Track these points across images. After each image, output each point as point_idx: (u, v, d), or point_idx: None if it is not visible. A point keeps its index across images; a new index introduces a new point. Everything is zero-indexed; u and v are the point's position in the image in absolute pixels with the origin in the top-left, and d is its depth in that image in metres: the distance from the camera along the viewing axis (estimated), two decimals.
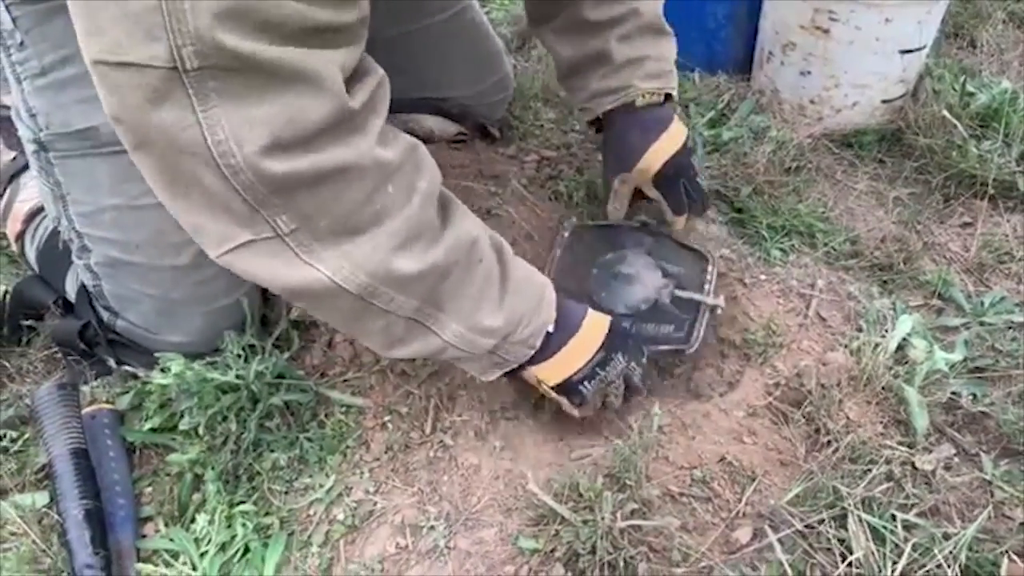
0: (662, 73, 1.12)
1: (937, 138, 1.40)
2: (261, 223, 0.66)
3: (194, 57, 0.56)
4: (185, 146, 0.60)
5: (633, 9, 1.08)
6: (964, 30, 1.82)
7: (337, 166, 0.66)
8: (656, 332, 1.07)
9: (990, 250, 1.26)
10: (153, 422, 0.97)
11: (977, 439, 0.98)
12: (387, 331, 0.79)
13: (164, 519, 0.92)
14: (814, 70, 1.47)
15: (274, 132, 0.61)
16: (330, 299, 0.73)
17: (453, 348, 0.83)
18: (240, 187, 0.63)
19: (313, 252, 0.69)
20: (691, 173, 1.15)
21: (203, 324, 1.01)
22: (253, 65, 0.58)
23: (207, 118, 0.59)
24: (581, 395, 0.92)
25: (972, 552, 0.82)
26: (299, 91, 0.62)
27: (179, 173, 0.63)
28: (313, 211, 0.67)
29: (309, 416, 1.01)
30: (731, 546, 0.88)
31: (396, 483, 0.96)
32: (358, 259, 0.71)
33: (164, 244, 0.94)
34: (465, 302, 0.81)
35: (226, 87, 0.58)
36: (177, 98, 0.58)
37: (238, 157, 0.61)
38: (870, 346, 1.05)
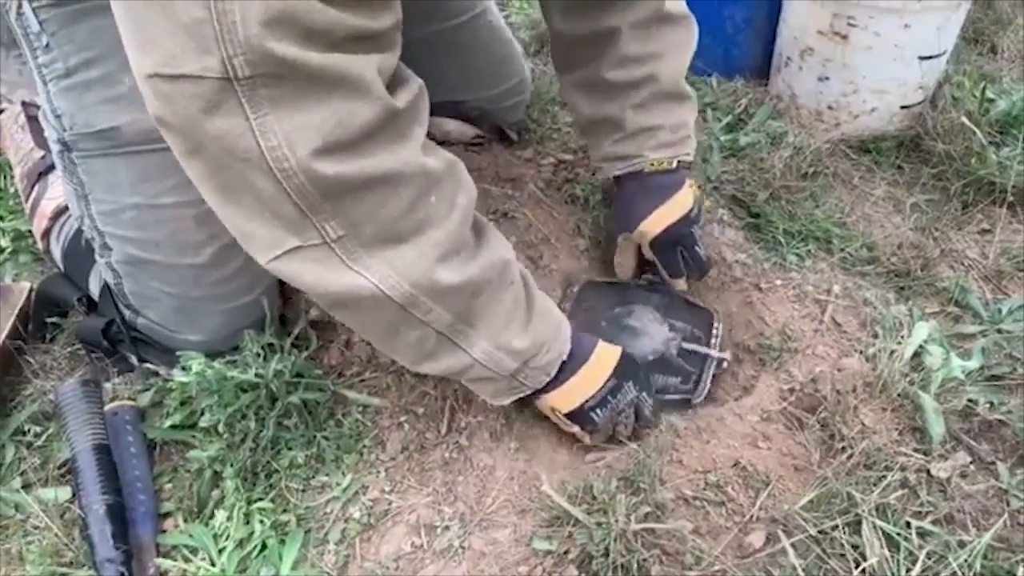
0: (675, 142, 1.14)
1: (956, 145, 1.39)
2: (310, 229, 0.68)
3: (245, 66, 0.58)
4: (239, 152, 0.62)
5: (652, 74, 1.08)
6: (985, 36, 1.81)
7: (384, 171, 0.68)
8: (664, 383, 1.08)
9: (1008, 257, 1.25)
10: (174, 419, 0.99)
11: (993, 447, 0.98)
12: (420, 344, 0.81)
13: (183, 515, 0.94)
14: (832, 75, 1.47)
15: (324, 136, 0.63)
16: (372, 308, 0.75)
17: (480, 366, 0.85)
18: (292, 191, 0.64)
19: (359, 259, 0.71)
20: (690, 242, 1.15)
21: (222, 323, 1.02)
22: (301, 71, 0.60)
23: (260, 125, 0.61)
24: (593, 422, 0.94)
25: (987, 561, 0.82)
26: (345, 95, 0.63)
27: (231, 179, 0.65)
28: (360, 217, 0.69)
29: (326, 415, 1.02)
30: (744, 550, 0.88)
31: (412, 483, 0.97)
32: (402, 267, 0.73)
33: (183, 243, 0.96)
34: (496, 320, 0.83)
35: (277, 94, 0.60)
36: (230, 106, 0.60)
37: (291, 161, 0.62)
38: (886, 352, 1.04)
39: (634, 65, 1.07)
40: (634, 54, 1.06)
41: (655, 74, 1.08)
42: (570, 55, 1.13)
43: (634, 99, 1.10)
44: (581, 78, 1.13)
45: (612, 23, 1.04)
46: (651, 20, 1.05)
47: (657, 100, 1.10)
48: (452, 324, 0.80)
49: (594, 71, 1.09)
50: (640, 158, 1.13)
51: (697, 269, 1.18)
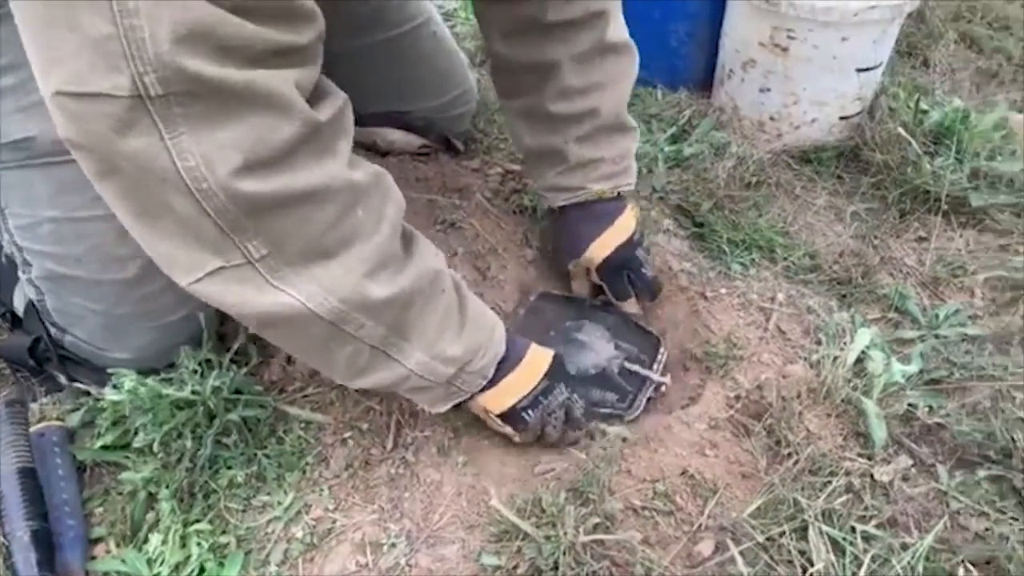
0: (616, 173, 1.14)
1: (893, 154, 1.43)
2: (232, 249, 0.65)
3: (158, 84, 0.55)
4: (154, 173, 0.59)
5: (594, 108, 1.08)
6: (917, 50, 1.87)
7: (308, 188, 0.66)
8: (601, 397, 1.09)
9: (944, 264, 1.29)
10: (105, 440, 0.94)
11: (933, 450, 1.00)
12: (353, 360, 0.79)
13: (115, 539, 0.90)
14: (773, 87, 1.49)
15: (245, 153, 0.60)
16: (300, 326, 0.72)
17: (416, 376, 0.83)
18: (212, 211, 0.62)
19: (284, 278, 0.69)
20: (635, 264, 1.16)
21: (153, 340, 0.98)
22: (217, 89, 0.58)
23: (175, 144, 0.58)
24: (525, 422, 0.94)
25: (929, 562, 0.83)
26: (265, 112, 0.61)
27: (148, 201, 0.62)
28: (284, 235, 0.67)
29: (267, 432, 0.99)
30: (693, 560, 0.87)
31: (356, 500, 0.94)
32: (330, 284, 0.71)
33: (106, 258, 0.91)
34: (429, 330, 0.82)
35: (192, 112, 0.58)
36: (144, 126, 0.57)
37: (210, 181, 0.60)
38: (829, 359, 1.06)
39: (576, 97, 1.07)
40: (576, 87, 1.06)
41: (597, 108, 1.08)
42: (511, 82, 1.12)
43: (577, 132, 1.10)
44: (523, 107, 1.12)
45: (554, 56, 1.03)
46: (593, 52, 1.05)
47: (600, 133, 1.11)
48: (385, 337, 0.78)
49: (536, 101, 1.09)
50: (583, 190, 1.14)
51: (646, 290, 1.18)
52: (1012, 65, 1.81)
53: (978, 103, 1.65)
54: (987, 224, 1.36)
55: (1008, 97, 1.69)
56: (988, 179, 1.39)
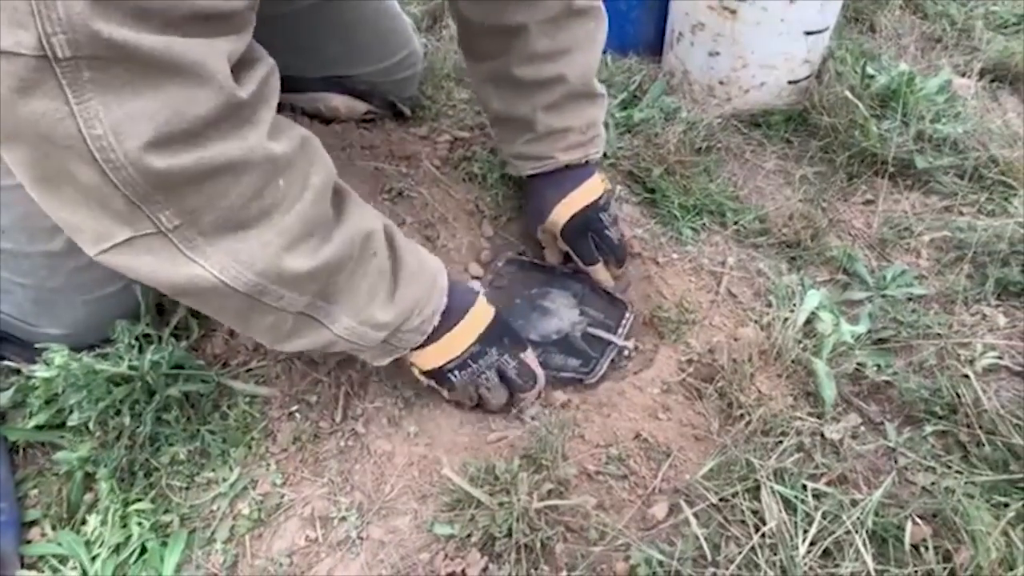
0: (584, 143, 1.13)
1: (840, 118, 1.44)
2: (142, 219, 0.62)
3: (66, 46, 0.51)
4: (58, 139, 0.55)
5: (561, 75, 1.06)
6: (864, 15, 1.88)
7: (225, 161, 0.62)
8: (563, 363, 1.09)
9: (890, 226, 1.30)
10: (38, 419, 0.90)
11: (881, 408, 1.01)
12: (277, 327, 0.77)
13: (51, 522, 0.87)
14: (723, 51, 1.49)
15: (157, 126, 0.57)
16: (217, 298, 0.70)
17: (344, 341, 0.81)
18: (120, 183, 0.58)
19: (197, 248, 0.65)
20: (599, 226, 1.15)
21: (87, 314, 0.94)
22: (131, 55, 0.53)
23: (83, 111, 0.54)
24: (451, 382, 0.93)
25: (878, 517, 0.84)
26: (183, 83, 0.57)
27: (51, 168, 0.58)
28: (198, 207, 0.63)
29: (210, 407, 0.96)
30: (648, 522, 0.87)
31: (305, 474, 0.92)
32: (246, 257, 0.67)
33: (33, 228, 0.87)
34: (358, 297, 0.80)
35: (103, 78, 0.54)
36: (48, 88, 0.53)
37: (118, 152, 0.56)
38: (779, 321, 1.06)
39: (544, 63, 1.05)
40: (543, 51, 1.03)
41: (565, 74, 1.06)
42: (478, 45, 1.09)
43: (545, 100, 1.08)
44: (490, 71, 1.09)
45: (520, 19, 1.00)
46: (560, 16, 1.02)
47: (568, 100, 1.09)
48: (310, 303, 0.76)
49: (503, 65, 1.06)
50: (551, 159, 1.12)
51: (611, 253, 1.17)
52: (955, 30, 1.84)
53: (923, 67, 1.67)
54: (932, 186, 1.38)
55: (952, 61, 1.71)
56: (933, 142, 1.41)
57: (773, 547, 0.82)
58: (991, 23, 1.89)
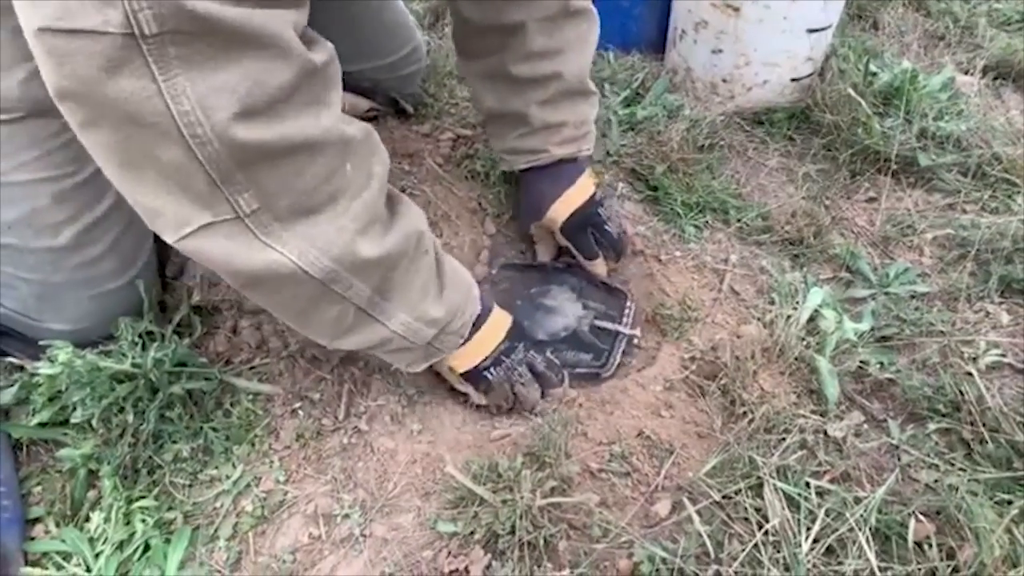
0: (577, 138, 1.14)
1: (843, 116, 1.43)
2: (222, 202, 0.63)
3: (152, 21, 0.51)
4: (145, 118, 0.56)
5: (557, 72, 1.07)
6: (867, 12, 1.87)
7: (303, 139, 0.64)
8: (576, 359, 1.09)
9: (893, 224, 1.30)
10: (41, 416, 0.90)
11: (884, 406, 1.01)
12: (339, 321, 0.78)
13: (55, 519, 0.87)
14: (725, 48, 1.48)
15: (241, 98, 0.58)
16: (291, 285, 0.71)
17: (398, 338, 0.83)
18: (205, 160, 0.59)
19: (274, 234, 0.66)
20: (598, 221, 1.16)
21: (91, 309, 0.94)
22: (214, 28, 0.54)
23: (170, 88, 0.55)
24: (487, 381, 0.94)
25: (881, 515, 0.84)
26: (262, 54, 0.58)
27: (134, 150, 0.59)
28: (275, 188, 0.64)
29: (213, 405, 0.96)
30: (650, 520, 0.87)
31: (308, 471, 0.92)
32: (323, 242, 0.69)
33: (40, 224, 0.87)
34: (412, 292, 0.82)
35: (187, 53, 0.54)
36: (136, 67, 0.53)
37: (205, 127, 0.57)
38: (782, 318, 1.06)
39: (540, 61, 1.05)
40: (540, 49, 1.04)
41: (560, 72, 1.07)
42: (474, 43, 1.10)
43: (540, 96, 1.09)
44: (485, 68, 1.10)
45: (518, 17, 1.01)
46: (558, 15, 1.03)
47: (562, 97, 1.10)
48: (371, 298, 0.77)
49: (499, 63, 1.07)
50: (545, 153, 1.13)
51: (611, 247, 1.18)
52: (958, 27, 1.83)
53: (926, 65, 1.66)
54: (935, 184, 1.37)
55: (955, 59, 1.71)
56: (936, 139, 1.41)
57: (776, 544, 0.82)
58: (994, 20, 1.89)
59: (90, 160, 0.88)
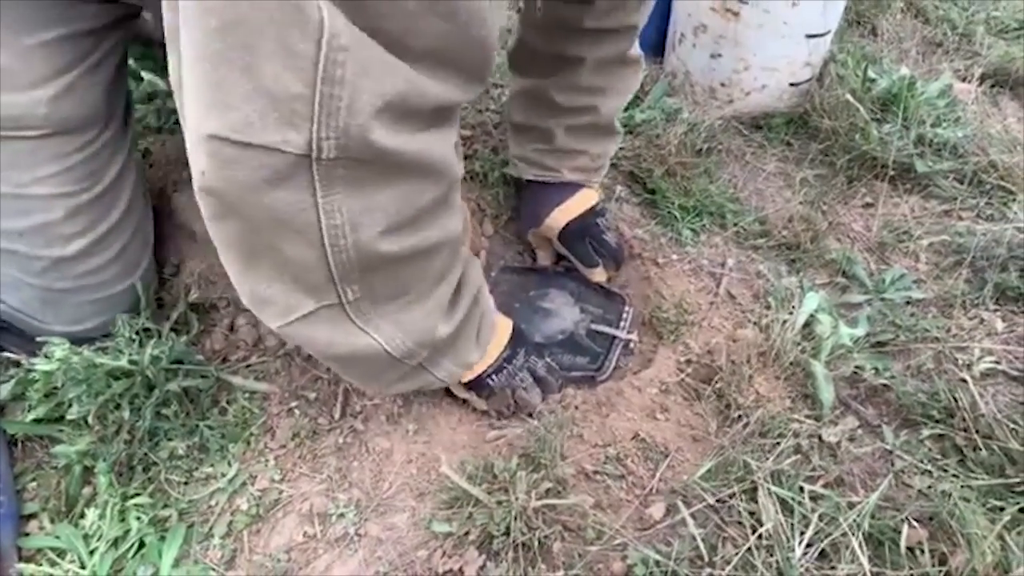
0: (591, 168, 1.16)
1: (841, 121, 1.44)
2: (331, 294, 0.64)
3: (334, 149, 0.52)
4: (292, 225, 0.56)
5: (594, 107, 1.09)
6: (865, 18, 1.88)
7: (431, 243, 0.66)
8: (572, 362, 1.09)
9: (890, 229, 1.30)
10: (37, 412, 0.90)
11: (879, 411, 1.01)
12: (399, 379, 0.82)
13: (50, 515, 0.87)
14: (725, 53, 1.49)
15: (389, 216, 0.59)
16: (371, 364, 0.74)
17: (439, 381, 0.87)
18: (334, 263, 0.60)
19: (369, 320, 0.69)
20: (596, 232, 1.16)
21: (93, 311, 0.95)
22: (390, 158, 0.55)
23: (327, 204, 0.55)
24: (489, 388, 0.95)
25: (875, 520, 0.84)
26: (422, 177, 0.60)
27: (258, 244, 0.60)
28: (384, 282, 0.66)
29: (210, 403, 0.96)
30: (645, 522, 0.88)
31: (303, 470, 0.92)
32: (410, 327, 0.72)
33: (52, 235, 0.88)
34: (460, 347, 0.85)
35: (355, 176, 0.55)
36: (300, 182, 0.53)
37: (348, 240, 0.58)
38: (778, 323, 1.06)
39: (583, 94, 1.07)
40: (587, 85, 1.06)
41: (598, 107, 1.09)
42: (529, 64, 1.11)
43: (570, 121, 1.10)
44: (531, 87, 1.11)
45: (580, 52, 1.03)
46: (614, 60, 1.05)
47: (590, 129, 1.12)
48: (428, 358, 0.81)
49: (545, 87, 1.08)
50: (556, 173, 1.15)
51: (610, 257, 1.18)
52: (956, 34, 1.84)
53: (924, 71, 1.67)
54: (931, 190, 1.38)
55: (952, 66, 1.71)
56: (933, 146, 1.41)
57: (770, 548, 0.82)
58: (992, 28, 1.89)
59: (103, 176, 0.91)
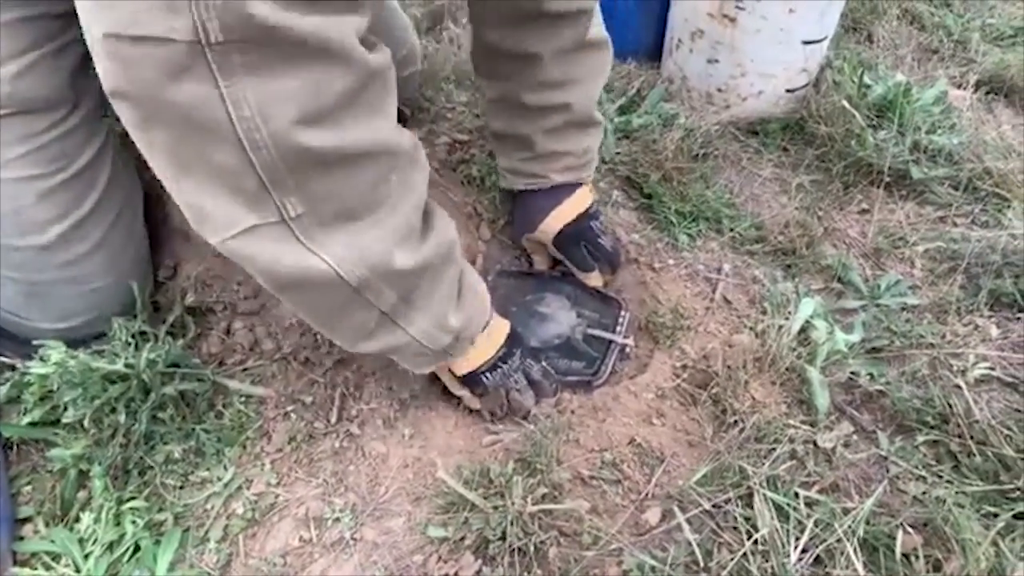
0: (579, 166, 1.15)
1: (837, 127, 1.44)
2: (269, 206, 0.63)
3: (219, 31, 0.51)
4: (203, 123, 0.56)
5: (566, 103, 1.07)
6: (862, 25, 1.89)
7: (358, 146, 0.64)
8: (568, 367, 1.09)
9: (885, 235, 1.31)
10: (33, 415, 0.90)
11: (874, 417, 1.02)
12: (362, 326, 0.79)
13: (45, 519, 0.86)
14: (721, 58, 1.49)
15: (301, 105, 0.58)
16: (324, 289, 0.71)
17: (416, 344, 0.83)
18: (259, 164, 0.59)
19: (316, 239, 0.67)
20: (591, 235, 1.16)
21: (79, 307, 0.94)
22: (280, 37, 0.54)
23: (231, 94, 0.55)
24: (483, 385, 0.94)
25: (870, 526, 0.85)
26: (324, 61, 0.58)
27: (187, 152, 0.59)
28: (323, 194, 0.65)
29: (206, 406, 0.96)
30: (640, 528, 0.88)
31: (300, 475, 0.92)
32: (360, 250, 0.70)
33: (25, 222, 0.87)
34: (436, 301, 0.82)
35: (251, 61, 0.54)
36: (199, 73, 0.53)
37: (263, 132, 0.57)
38: (774, 328, 1.07)
39: (552, 91, 1.06)
40: (553, 80, 1.05)
41: (570, 103, 1.08)
42: (491, 66, 1.10)
43: (547, 124, 1.10)
44: (499, 91, 1.11)
45: (535, 48, 1.02)
46: (573, 48, 1.04)
47: (569, 127, 1.11)
48: (395, 306, 0.78)
49: (512, 89, 1.08)
50: (545, 179, 1.14)
51: (606, 261, 1.18)
52: (952, 41, 1.85)
53: (919, 78, 1.68)
54: (927, 196, 1.39)
55: (948, 72, 1.72)
56: (928, 152, 1.42)
57: (765, 554, 0.82)
58: (987, 35, 1.90)
59: (77, 158, 0.89)
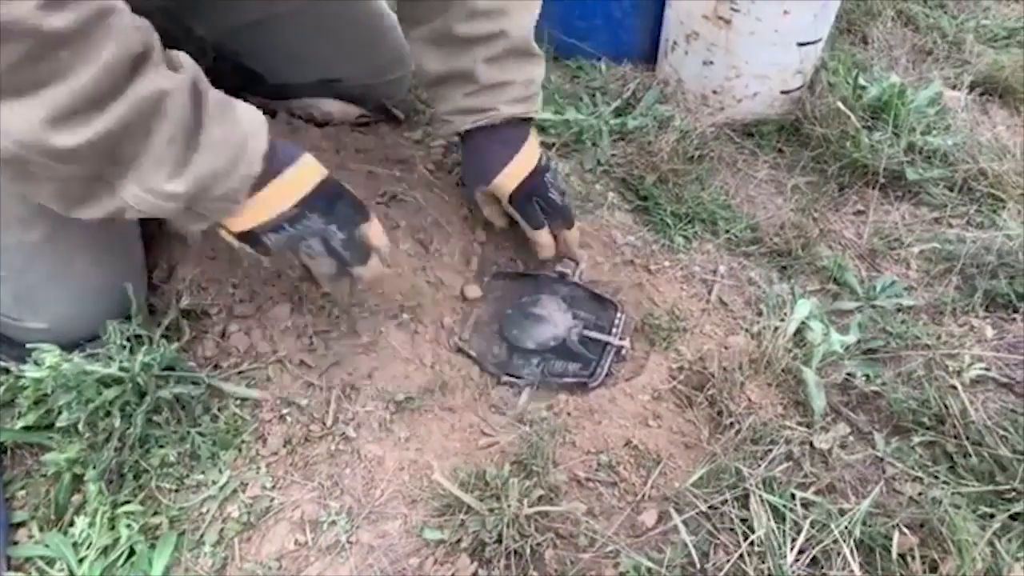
0: (526, 98, 1.12)
1: (832, 129, 1.45)
2: None
3: None
4: None
5: (502, 30, 1.06)
6: (856, 26, 1.89)
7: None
8: (564, 368, 1.09)
9: (881, 237, 1.31)
10: (27, 419, 0.89)
11: (870, 418, 1.02)
12: (63, 194, 0.74)
13: (39, 524, 0.86)
14: (717, 60, 1.49)
15: None
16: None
17: (134, 209, 0.76)
18: None
19: None
20: (543, 190, 1.14)
21: (71, 307, 0.93)
22: None
23: None
24: (265, 246, 0.87)
25: (866, 527, 0.85)
26: None
27: None
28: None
29: (201, 410, 0.96)
30: (637, 530, 0.88)
31: (295, 478, 0.92)
32: (6, 126, 0.65)
33: (8, 219, 0.86)
34: (143, 166, 0.74)
35: None
36: None
37: None
38: (770, 330, 1.07)
39: (484, 19, 1.04)
40: (483, 8, 1.03)
41: (506, 30, 1.06)
42: (417, 8, 1.08)
43: (486, 53, 1.07)
44: (430, 32, 1.08)
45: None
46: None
47: (509, 55, 1.08)
48: (95, 173, 0.72)
49: (442, 25, 1.05)
50: (494, 111, 1.10)
51: (559, 216, 1.16)
52: (946, 42, 1.85)
53: (914, 79, 1.68)
54: (922, 198, 1.39)
55: (942, 74, 1.73)
56: (923, 154, 1.42)
57: (761, 555, 0.82)
58: (982, 36, 1.91)
59: None
